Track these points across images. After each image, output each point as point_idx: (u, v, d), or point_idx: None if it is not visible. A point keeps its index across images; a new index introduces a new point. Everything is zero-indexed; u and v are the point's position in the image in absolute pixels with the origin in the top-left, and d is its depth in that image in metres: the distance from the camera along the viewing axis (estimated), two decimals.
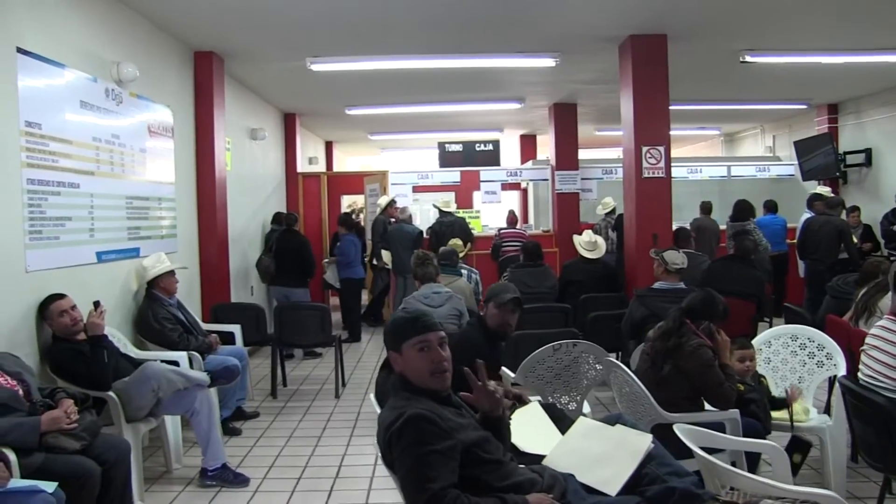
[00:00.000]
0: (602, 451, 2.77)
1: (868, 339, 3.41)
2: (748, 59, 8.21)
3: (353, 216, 13.44)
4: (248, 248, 9.60)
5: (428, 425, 2.41)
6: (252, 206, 10.04)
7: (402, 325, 2.71)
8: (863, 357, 3.41)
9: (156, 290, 5.83)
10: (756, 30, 7.54)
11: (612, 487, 2.60)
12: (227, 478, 4.73)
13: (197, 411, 4.71)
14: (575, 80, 9.98)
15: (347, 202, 15.26)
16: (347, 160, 19.59)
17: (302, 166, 12.71)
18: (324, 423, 6.21)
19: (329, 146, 16.79)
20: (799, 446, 4.04)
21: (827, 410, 5.31)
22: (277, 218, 10.25)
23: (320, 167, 15.11)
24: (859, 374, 3.43)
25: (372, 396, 3.37)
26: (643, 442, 2.73)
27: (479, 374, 2.70)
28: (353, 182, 13.57)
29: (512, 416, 3.11)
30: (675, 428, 2.96)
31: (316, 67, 8.21)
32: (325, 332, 7.22)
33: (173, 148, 7.00)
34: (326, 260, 9.92)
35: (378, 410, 2.88)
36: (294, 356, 9.01)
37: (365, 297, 11.24)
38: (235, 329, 6.73)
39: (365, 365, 8.51)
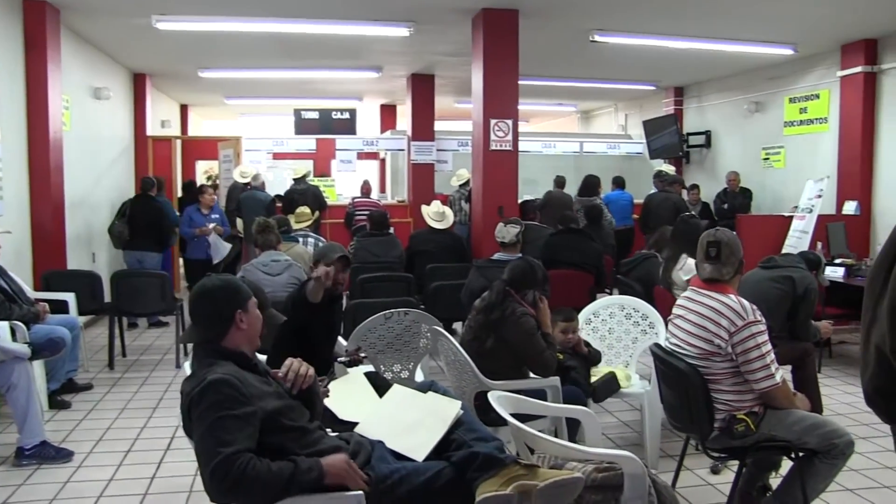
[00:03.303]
0: (413, 417, 2.81)
1: (675, 309, 3.60)
2: (597, 38, 8.49)
3: (212, 182, 13.07)
4: (91, 213, 9.15)
5: (228, 389, 2.38)
6: (96, 169, 9.57)
7: (239, 284, 2.74)
8: (669, 326, 3.61)
9: None
10: (605, 10, 7.77)
11: (420, 453, 2.64)
12: (48, 454, 4.47)
13: (14, 385, 4.43)
14: (432, 52, 10.01)
15: (203, 168, 14.80)
16: (204, 124, 18.91)
17: (153, 129, 12.17)
18: (161, 393, 6.04)
19: (184, 109, 16.16)
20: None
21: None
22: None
23: (174, 131, 14.53)
24: (666, 342, 3.64)
25: (186, 364, 3.29)
26: (452, 409, 2.78)
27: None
28: (209, 147, 13.14)
29: (330, 385, 3.13)
30: (490, 396, 3.05)
31: (162, 26, 7.87)
32: (166, 299, 6.99)
33: None
34: (213, 224, 9.02)
35: None
36: (137, 325, 8.70)
37: None
38: (69, 297, 6.41)
39: None
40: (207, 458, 2.29)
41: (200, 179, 13.87)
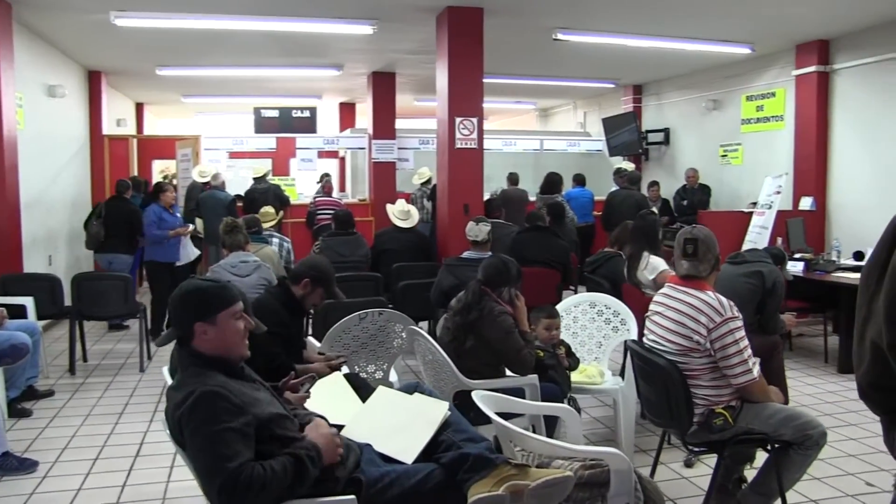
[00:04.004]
0: (400, 419, 2.79)
1: (652, 306, 3.64)
2: (560, 36, 8.52)
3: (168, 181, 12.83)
4: (46, 214, 8.93)
5: (220, 402, 2.32)
6: (51, 169, 9.35)
7: (215, 293, 2.59)
8: (647, 322, 3.65)
9: None
10: (569, 9, 7.78)
11: (409, 455, 2.62)
12: (10, 465, 4.33)
13: None
14: (394, 49, 9.96)
15: (159, 167, 14.55)
16: (159, 123, 18.59)
17: (109, 128, 11.93)
18: (126, 398, 5.92)
19: (140, 108, 15.87)
20: None
21: (623, 373, 5.70)
22: (133, 184, 9.62)
23: (129, 130, 14.26)
24: (644, 338, 3.67)
25: (164, 369, 3.23)
26: (440, 410, 2.77)
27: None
28: (166, 146, 12.93)
29: (311, 389, 3.09)
30: (474, 395, 3.04)
31: (121, 22, 7.68)
32: (129, 302, 6.86)
33: None
34: (192, 226, 8.60)
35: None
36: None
37: None
38: (27, 302, 6.22)
39: None
40: (211, 475, 2.25)
41: (157, 179, 13.61)
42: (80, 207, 10.36)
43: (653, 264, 5.46)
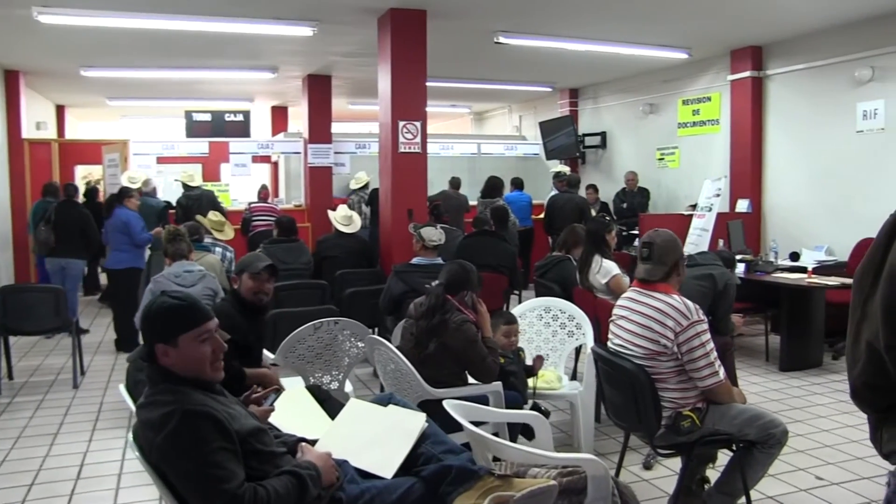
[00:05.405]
0: (376, 433, 2.69)
1: (616, 310, 3.62)
2: (501, 40, 8.51)
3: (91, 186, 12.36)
4: None
5: (207, 421, 2.20)
6: None
7: (177, 314, 2.39)
8: (612, 326, 3.62)
9: None
10: (511, 12, 7.78)
11: (388, 470, 2.52)
12: None
13: None
14: (332, 52, 9.82)
15: (82, 173, 14.02)
16: (80, 126, 17.94)
17: (28, 132, 11.42)
18: (61, 417, 5.59)
19: (61, 111, 15.29)
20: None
21: (574, 376, 5.69)
22: (50, 189, 9.24)
23: (50, 133, 13.70)
24: (609, 343, 3.64)
25: (121, 386, 3.05)
26: (417, 422, 2.68)
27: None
28: (90, 151, 12.43)
29: (275, 402, 2.96)
30: (445, 404, 2.96)
31: (45, 19, 7.32)
32: (61, 315, 6.52)
33: None
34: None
35: (130, 404, 2.58)
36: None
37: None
38: None
39: (106, 348, 7.84)
40: (210, 500, 2.15)
41: (80, 185, 13.11)
42: None
43: (605, 268, 5.46)
